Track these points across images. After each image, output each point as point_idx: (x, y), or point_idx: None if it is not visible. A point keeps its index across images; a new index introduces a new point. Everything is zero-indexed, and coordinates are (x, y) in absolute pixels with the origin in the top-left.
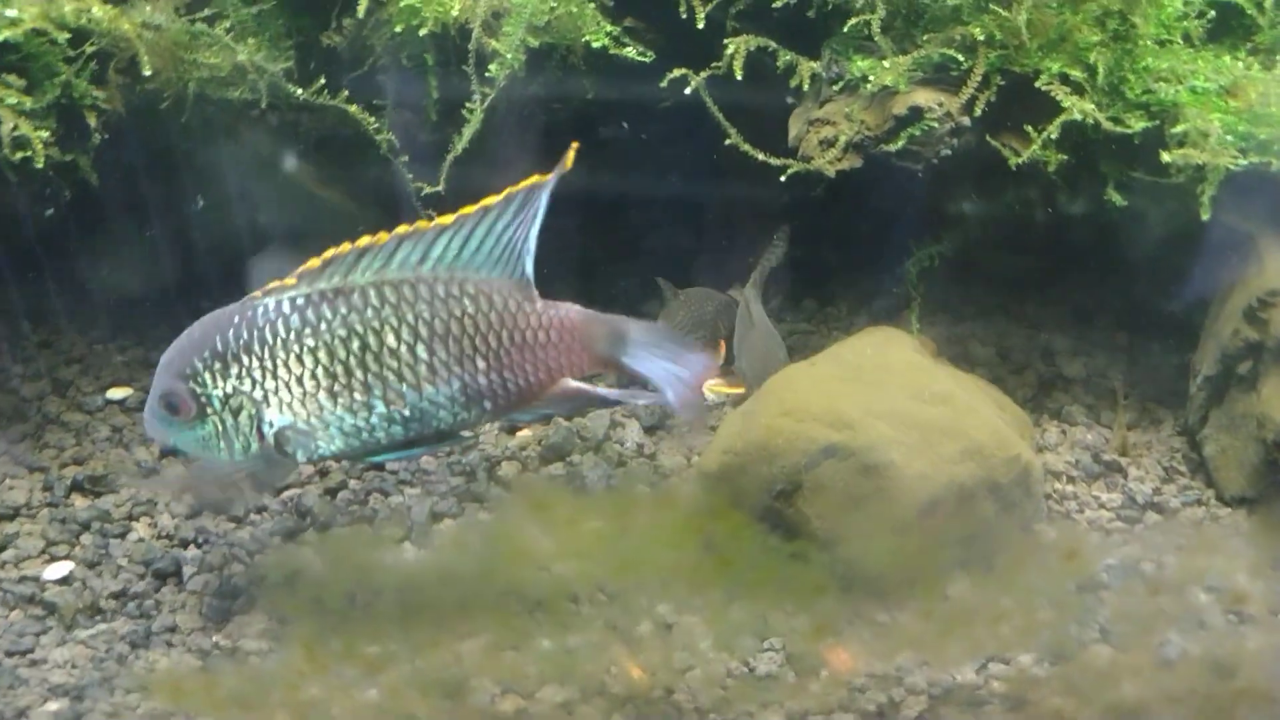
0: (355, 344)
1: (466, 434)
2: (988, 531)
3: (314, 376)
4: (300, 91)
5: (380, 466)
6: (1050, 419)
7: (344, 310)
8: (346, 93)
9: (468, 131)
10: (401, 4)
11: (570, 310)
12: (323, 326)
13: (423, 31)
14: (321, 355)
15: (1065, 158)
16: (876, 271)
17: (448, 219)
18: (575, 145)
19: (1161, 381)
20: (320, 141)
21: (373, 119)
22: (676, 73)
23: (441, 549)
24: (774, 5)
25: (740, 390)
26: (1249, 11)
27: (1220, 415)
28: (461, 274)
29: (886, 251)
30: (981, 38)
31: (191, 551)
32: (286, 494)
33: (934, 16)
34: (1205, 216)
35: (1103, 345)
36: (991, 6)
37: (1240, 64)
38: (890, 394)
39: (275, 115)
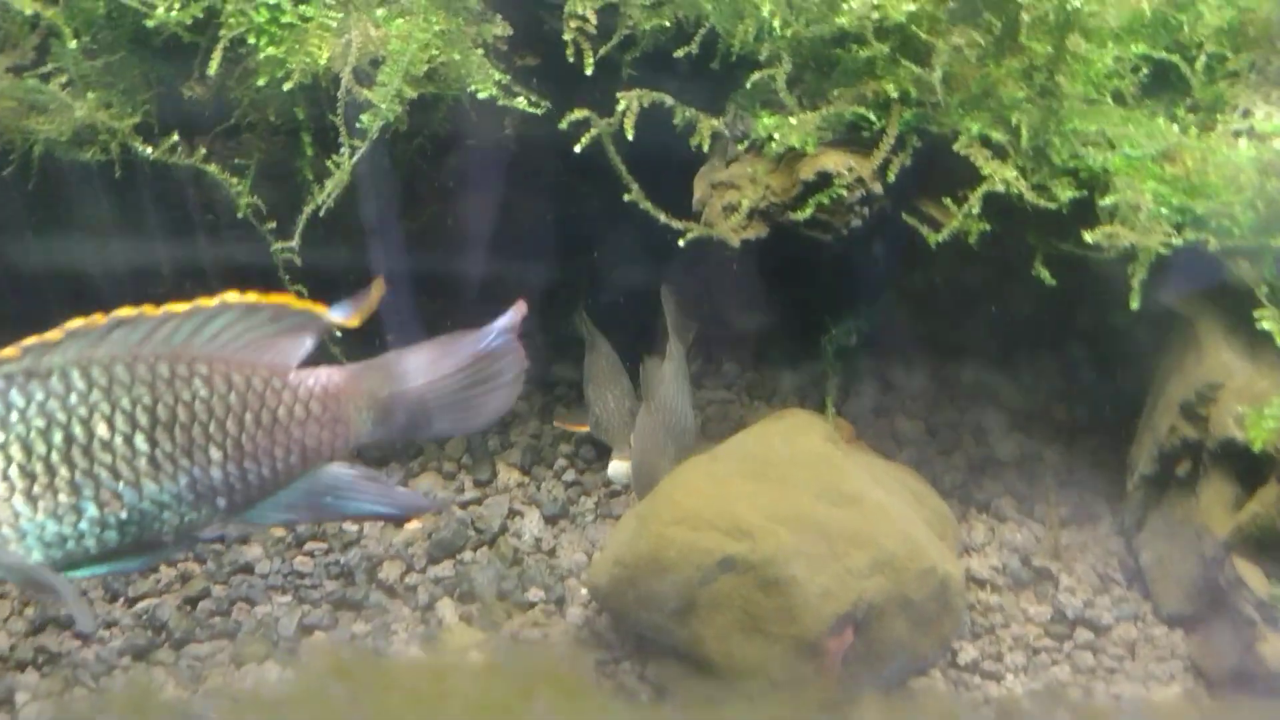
0: (57, 436)
1: (204, 535)
2: (899, 652)
3: (5, 477)
4: (151, 150)
5: (249, 569)
6: (978, 512)
7: (40, 396)
8: (204, 151)
9: (331, 185)
10: (263, 55)
11: (331, 372)
12: (14, 416)
13: (288, 86)
14: (14, 451)
15: (988, 228)
16: (801, 335)
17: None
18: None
19: (1101, 468)
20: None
21: (235, 180)
22: (573, 116)
23: (309, 669)
24: (674, 54)
25: (583, 429)
26: (1182, 70)
27: (1158, 520)
28: (191, 351)
29: (809, 316)
30: (895, 94)
31: (29, 675)
32: (140, 605)
33: (845, 69)
34: (1134, 305)
35: (1040, 422)
36: (904, 61)
37: (1176, 126)
38: (796, 494)
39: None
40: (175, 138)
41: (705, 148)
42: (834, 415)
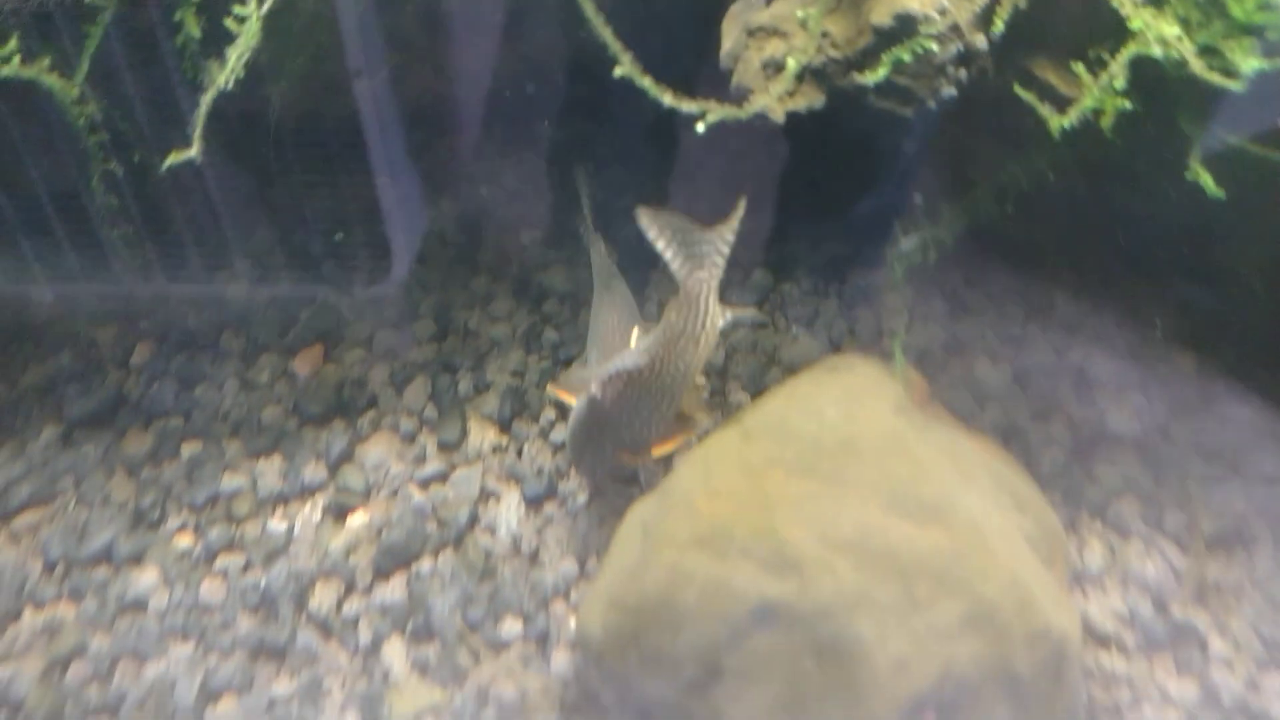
0: None
1: None
2: None
3: None
4: None
5: (141, 605)
6: (1090, 519)
7: None
8: None
9: (234, 52)
10: None
11: None
12: None
13: None
14: None
15: (1130, 107)
16: (851, 235)
17: None
18: None
19: (1257, 455)
20: None
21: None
22: None
23: None
24: None
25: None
26: None
27: None
28: None
29: (866, 209)
30: None
31: None
32: None
33: None
34: None
35: (1164, 375)
36: None
37: None
38: (860, 501)
39: None
40: None
41: None
42: (905, 367)
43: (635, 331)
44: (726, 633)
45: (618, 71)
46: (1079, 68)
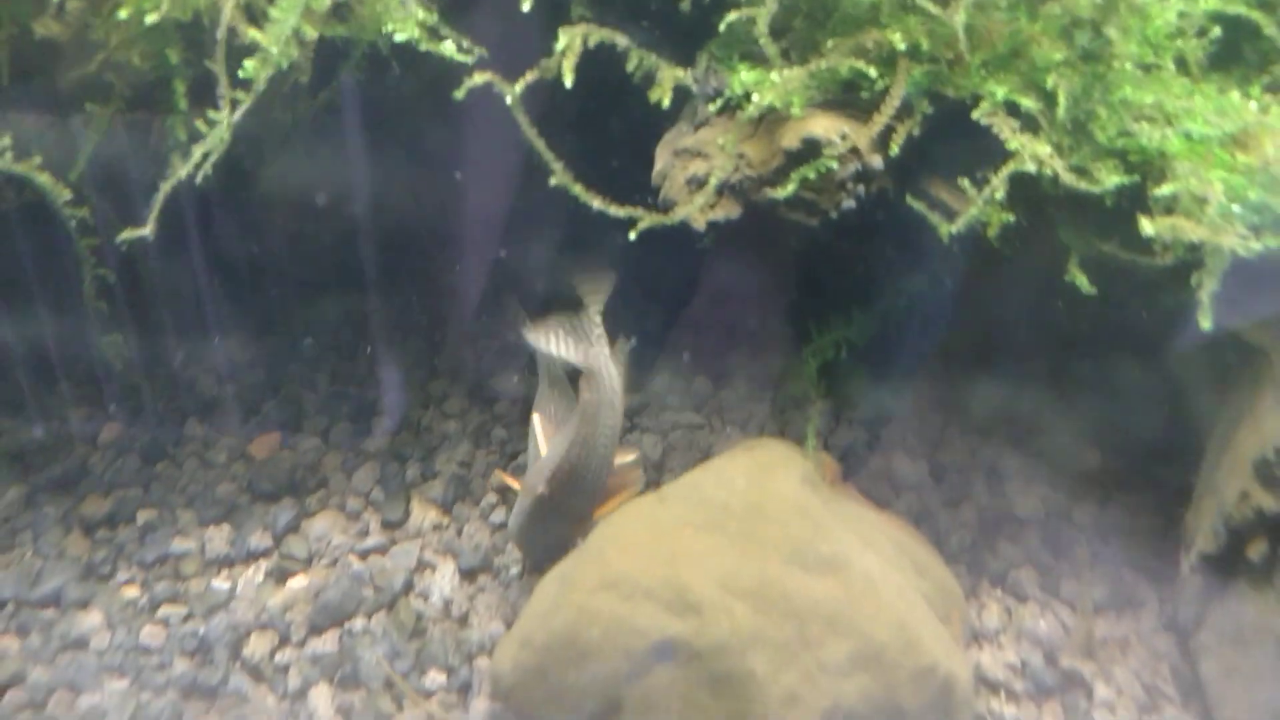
0: None
1: None
2: None
3: None
4: None
5: (83, 644)
6: (992, 586)
7: None
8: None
9: (200, 150)
10: None
11: None
12: None
13: (151, 18)
14: None
15: (1011, 218)
16: (785, 343)
17: None
18: None
19: (1145, 536)
20: None
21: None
22: (479, 79)
23: None
24: None
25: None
26: (1266, 31)
27: (1223, 617)
28: None
29: (793, 319)
30: (904, 47)
31: None
32: None
33: (844, 17)
34: (1205, 324)
35: (1068, 470)
36: (920, 2)
37: (1254, 104)
38: (761, 555)
39: None
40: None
41: (665, 103)
42: (816, 449)
43: (536, 419)
44: (628, 667)
45: (552, 181)
46: (964, 183)
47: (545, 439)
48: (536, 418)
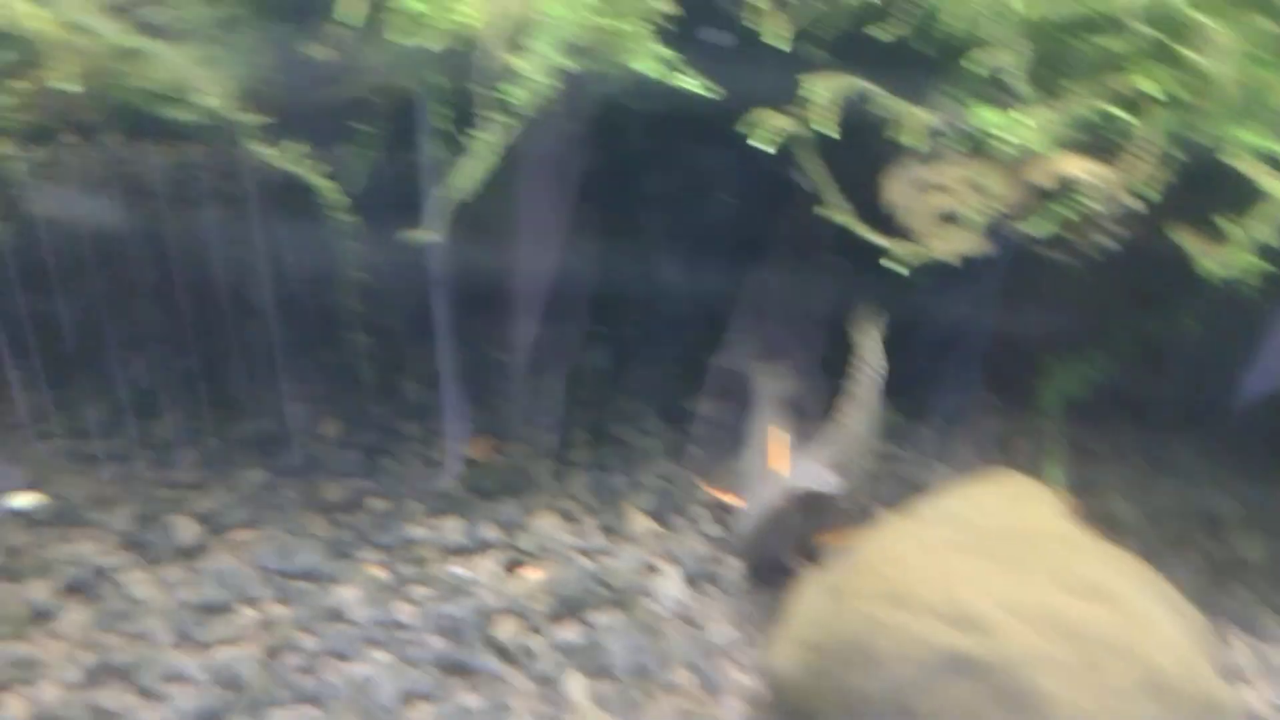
0: None
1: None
2: None
3: None
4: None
5: (342, 616)
6: (1230, 625)
7: None
8: None
9: (465, 167)
10: (406, 3)
11: None
12: None
13: (418, 41)
14: None
15: (1269, 266)
16: (988, 382)
17: None
18: None
19: None
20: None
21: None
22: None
23: None
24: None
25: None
26: None
27: None
28: None
29: (1007, 357)
30: (1156, 92)
31: None
32: (214, 654)
33: (1083, 61)
34: None
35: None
36: (1179, 49)
37: None
38: (1031, 578)
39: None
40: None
41: (912, 144)
42: (1058, 483)
43: (765, 434)
44: (920, 678)
45: (836, 215)
46: (1229, 225)
47: (774, 457)
48: (767, 432)
